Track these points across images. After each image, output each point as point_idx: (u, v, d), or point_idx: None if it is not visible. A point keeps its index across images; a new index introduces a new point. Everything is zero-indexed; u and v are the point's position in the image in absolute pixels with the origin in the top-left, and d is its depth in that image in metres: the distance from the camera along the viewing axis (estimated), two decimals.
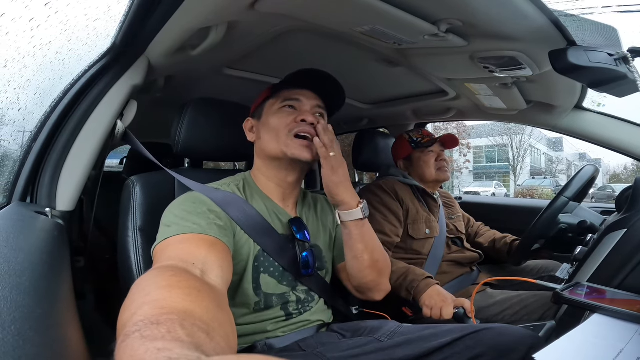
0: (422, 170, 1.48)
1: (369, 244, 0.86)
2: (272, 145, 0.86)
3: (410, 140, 1.51)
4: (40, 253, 0.53)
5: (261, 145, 0.90)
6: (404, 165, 1.55)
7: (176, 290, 0.45)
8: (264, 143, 0.88)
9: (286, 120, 0.86)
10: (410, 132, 1.54)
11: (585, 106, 1.38)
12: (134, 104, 1.01)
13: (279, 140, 0.85)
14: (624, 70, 0.78)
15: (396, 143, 1.60)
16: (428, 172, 1.47)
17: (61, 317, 0.42)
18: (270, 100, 0.91)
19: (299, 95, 0.89)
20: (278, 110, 0.88)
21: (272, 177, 0.90)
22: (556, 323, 0.83)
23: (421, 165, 1.48)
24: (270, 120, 0.88)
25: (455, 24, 0.84)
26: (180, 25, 0.84)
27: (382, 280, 0.91)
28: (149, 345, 0.32)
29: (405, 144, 1.52)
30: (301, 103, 0.89)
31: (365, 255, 0.85)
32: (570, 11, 0.79)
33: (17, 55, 0.81)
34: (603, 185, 18.96)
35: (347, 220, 0.84)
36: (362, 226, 0.85)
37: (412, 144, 1.50)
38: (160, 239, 0.68)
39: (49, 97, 0.89)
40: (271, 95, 0.91)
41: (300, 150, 0.84)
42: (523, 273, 1.49)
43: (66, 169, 0.87)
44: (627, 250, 0.82)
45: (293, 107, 0.89)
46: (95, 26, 0.91)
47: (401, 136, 1.56)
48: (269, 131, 0.87)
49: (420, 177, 1.49)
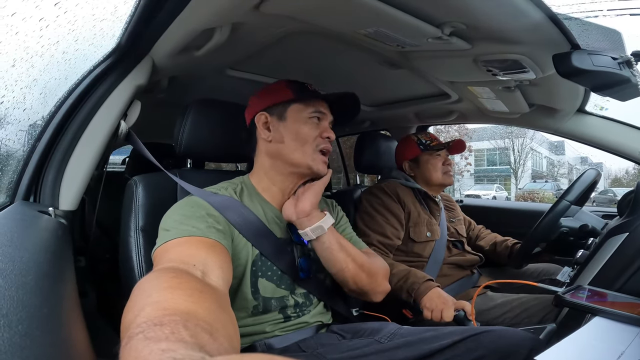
0: (430, 173, 1.48)
1: (349, 251, 0.86)
2: (298, 155, 0.86)
3: (419, 142, 1.50)
4: (44, 252, 0.53)
5: (282, 149, 0.87)
6: (410, 166, 1.53)
7: (178, 292, 0.45)
8: (288, 149, 0.87)
9: (314, 133, 0.87)
10: (418, 135, 1.54)
11: (588, 110, 1.38)
12: (138, 104, 1.01)
13: (306, 152, 0.86)
14: (627, 74, 0.78)
15: (402, 144, 1.58)
16: (435, 175, 1.47)
17: (66, 317, 0.42)
18: (298, 105, 0.89)
19: (323, 109, 0.90)
20: (308, 119, 0.88)
21: (277, 182, 0.90)
22: (557, 326, 0.83)
23: (429, 168, 1.48)
24: (300, 129, 0.87)
25: (459, 27, 0.84)
26: (185, 26, 0.84)
27: (376, 281, 0.90)
28: (153, 346, 0.32)
29: (413, 146, 1.51)
30: (325, 116, 0.90)
31: (349, 263, 0.85)
32: (574, 14, 0.79)
33: (25, 54, 0.81)
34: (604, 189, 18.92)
35: (321, 233, 0.83)
36: (336, 234, 0.85)
37: (421, 146, 1.49)
38: (159, 242, 0.68)
39: (54, 96, 0.89)
40: (297, 99, 0.89)
41: (323, 166, 0.87)
42: (524, 276, 1.49)
43: (69, 168, 0.87)
44: (629, 254, 0.82)
45: (319, 119, 0.89)
46: (101, 26, 0.92)
47: (409, 137, 1.55)
48: (296, 139, 0.87)
49: (426, 180, 1.49)
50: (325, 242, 0.83)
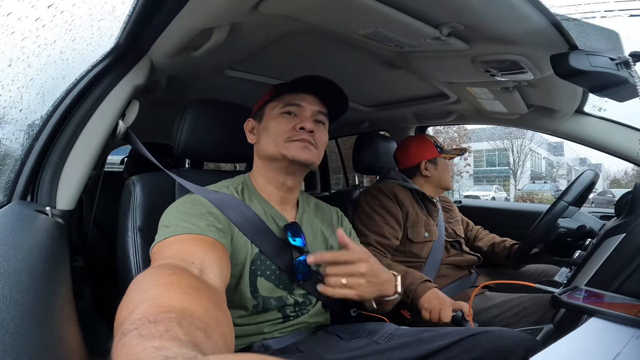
0: (445, 176, 1.50)
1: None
2: (271, 148, 0.86)
3: (435, 145, 1.51)
4: (39, 252, 0.53)
5: (260, 148, 0.90)
6: (427, 167, 1.49)
7: (174, 289, 0.45)
8: (263, 146, 0.89)
9: (285, 127, 0.86)
10: (431, 137, 1.56)
11: (587, 111, 1.38)
12: (136, 104, 1.01)
13: (278, 143, 0.85)
14: (625, 75, 0.78)
15: (420, 143, 1.54)
16: (447, 178, 1.51)
17: (59, 316, 0.42)
18: (272, 104, 0.90)
19: (300, 101, 0.89)
20: (278, 115, 0.88)
21: (271, 180, 0.90)
22: (554, 326, 0.83)
23: (445, 171, 1.51)
24: (269, 125, 0.88)
25: (458, 27, 0.84)
26: (184, 25, 0.84)
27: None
28: (146, 343, 0.32)
29: (432, 147, 1.51)
30: (302, 109, 0.88)
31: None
32: (573, 15, 0.79)
33: (21, 54, 0.81)
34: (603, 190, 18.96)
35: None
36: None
37: (438, 149, 1.51)
38: (158, 239, 0.68)
39: (51, 96, 0.89)
40: (273, 98, 0.91)
41: (298, 152, 0.84)
42: (522, 277, 1.49)
43: (67, 168, 0.87)
44: (626, 255, 0.82)
45: (293, 114, 0.88)
46: (99, 26, 0.92)
47: (425, 137, 1.56)
48: (267, 135, 0.88)
49: (439, 182, 1.50)
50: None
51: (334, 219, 1.02)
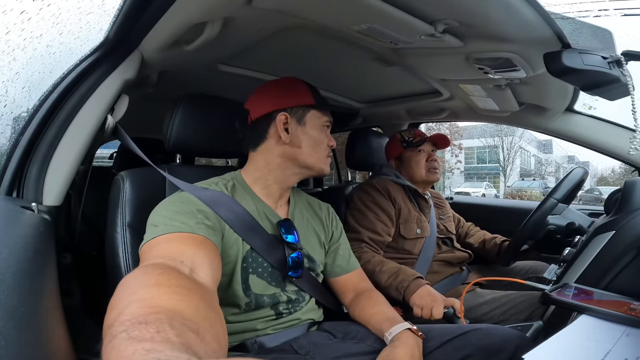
0: (412, 170, 1.49)
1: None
2: (313, 160, 0.88)
3: (402, 140, 1.52)
4: (25, 249, 0.52)
5: (299, 154, 0.87)
6: (395, 164, 1.56)
7: (164, 289, 0.44)
8: (304, 154, 0.88)
9: (326, 140, 0.91)
10: (403, 132, 1.55)
11: (577, 109, 1.39)
12: (126, 99, 0.99)
13: (320, 157, 0.89)
14: (617, 74, 0.78)
15: (388, 142, 1.61)
16: (418, 172, 1.48)
17: (46, 316, 0.41)
18: (317, 112, 0.90)
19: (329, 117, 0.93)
20: (324, 127, 0.91)
21: (278, 179, 0.89)
22: (543, 323, 0.84)
23: (411, 165, 1.49)
24: (314, 134, 0.89)
25: (452, 24, 0.84)
26: (175, 19, 0.82)
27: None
28: (137, 346, 0.31)
29: (397, 143, 1.53)
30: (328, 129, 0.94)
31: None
32: (567, 14, 0.79)
33: (6, 47, 0.79)
34: (590, 187, 19.25)
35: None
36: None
37: (404, 144, 1.51)
38: (147, 238, 0.66)
39: (38, 90, 0.87)
40: (316, 106, 0.90)
41: (328, 168, 0.92)
42: (512, 273, 1.51)
43: (54, 163, 0.85)
44: (615, 252, 0.83)
45: (327, 127, 0.93)
46: (88, 19, 0.90)
47: (394, 136, 1.57)
48: (313, 145, 0.88)
49: (410, 177, 1.50)
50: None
51: (324, 215, 1.02)
